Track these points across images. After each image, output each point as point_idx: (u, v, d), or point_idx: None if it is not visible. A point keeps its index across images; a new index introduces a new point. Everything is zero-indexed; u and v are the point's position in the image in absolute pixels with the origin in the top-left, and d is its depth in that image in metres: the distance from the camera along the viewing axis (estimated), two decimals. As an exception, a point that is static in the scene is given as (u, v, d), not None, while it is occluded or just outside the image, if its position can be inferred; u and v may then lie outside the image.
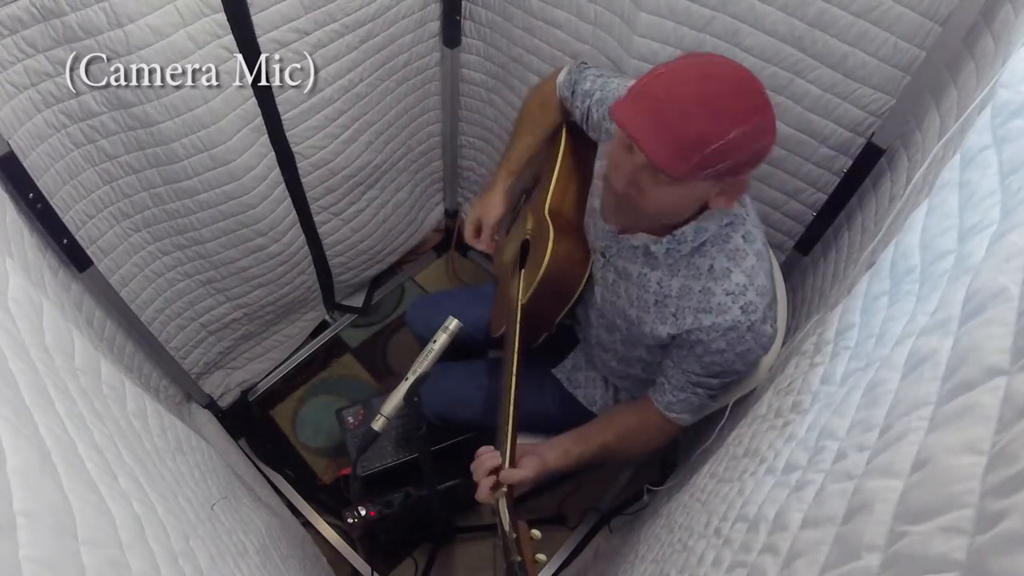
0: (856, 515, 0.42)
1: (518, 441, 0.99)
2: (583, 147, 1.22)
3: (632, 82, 0.87)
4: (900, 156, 1.04)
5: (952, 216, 0.53)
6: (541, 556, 0.84)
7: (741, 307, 0.92)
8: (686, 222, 0.94)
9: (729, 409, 1.07)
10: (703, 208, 0.92)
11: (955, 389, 0.38)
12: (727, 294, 0.92)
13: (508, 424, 0.98)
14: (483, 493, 0.95)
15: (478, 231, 1.28)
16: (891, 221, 0.86)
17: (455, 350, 1.11)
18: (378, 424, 1.08)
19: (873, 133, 1.09)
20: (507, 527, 0.86)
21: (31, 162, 1.04)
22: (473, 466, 0.97)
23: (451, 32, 1.61)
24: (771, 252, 1.22)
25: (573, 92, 1.18)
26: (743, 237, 0.93)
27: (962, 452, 0.35)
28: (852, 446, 0.49)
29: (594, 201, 1.13)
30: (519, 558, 0.80)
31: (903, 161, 1.02)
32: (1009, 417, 0.33)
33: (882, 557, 0.38)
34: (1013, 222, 0.42)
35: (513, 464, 0.96)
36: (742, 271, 0.92)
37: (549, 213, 1.17)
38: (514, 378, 1.04)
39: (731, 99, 0.78)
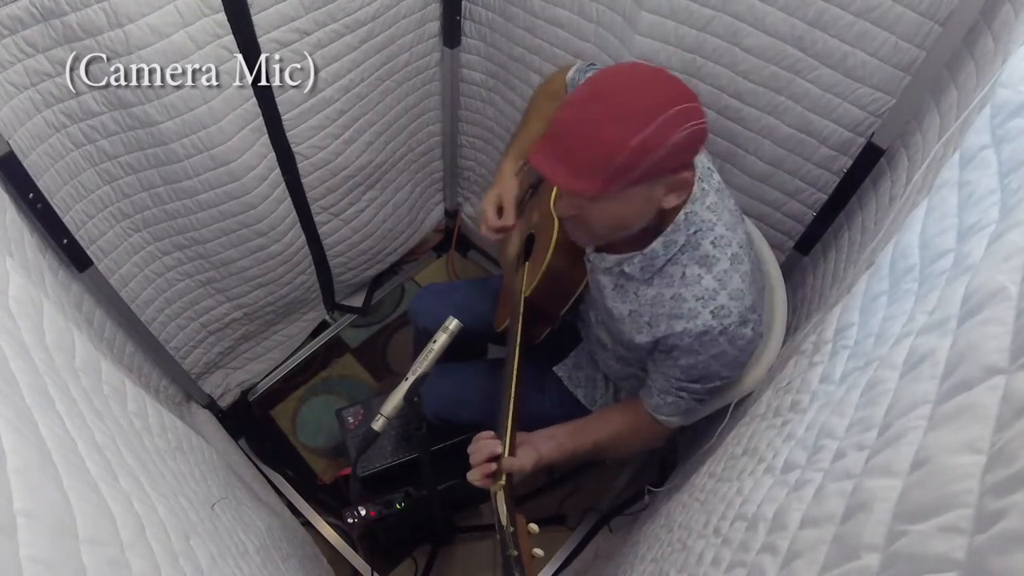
0: (855, 514, 0.42)
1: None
2: None
3: None
4: (900, 156, 1.04)
5: (951, 215, 0.53)
6: (539, 551, 0.84)
7: (711, 312, 0.92)
8: (654, 237, 0.95)
9: (730, 411, 1.07)
10: (664, 216, 0.93)
11: (954, 388, 0.38)
12: (697, 299, 0.93)
13: (508, 415, 0.99)
14: (477, 475, 0.95)
15: (500, 211, 1.24)
16: (891, 221, 0.86)
17: (457, 346, 1.11)
18: (378, 424, 1.08)
19: (873, 133, 1.09)
20: (504, 520, 0.86)
21: (31, 162, 1.05)
22: (471, 449, 0.97)
23: (451, 32, 1.61)
24: (768, 253, 1.22)
25: None
26: (712, 243, 0.94)
27: (961, 451, 0.35)
28: (851, 445, 0.49)
29: None
30: (516, 552, 0.80)
31: (903, 161, 1.02)
32: (1008, 416, 0.33)
33: (881, 557, 0.38)
34: (1012, 221, 0.42)
35: (512, 453, 0.96)
36: (713, 276, 0.93)
37: (554, 206, 1.17)
38: (515, 370, 1.05)
39: (624, 110, 0.80)
